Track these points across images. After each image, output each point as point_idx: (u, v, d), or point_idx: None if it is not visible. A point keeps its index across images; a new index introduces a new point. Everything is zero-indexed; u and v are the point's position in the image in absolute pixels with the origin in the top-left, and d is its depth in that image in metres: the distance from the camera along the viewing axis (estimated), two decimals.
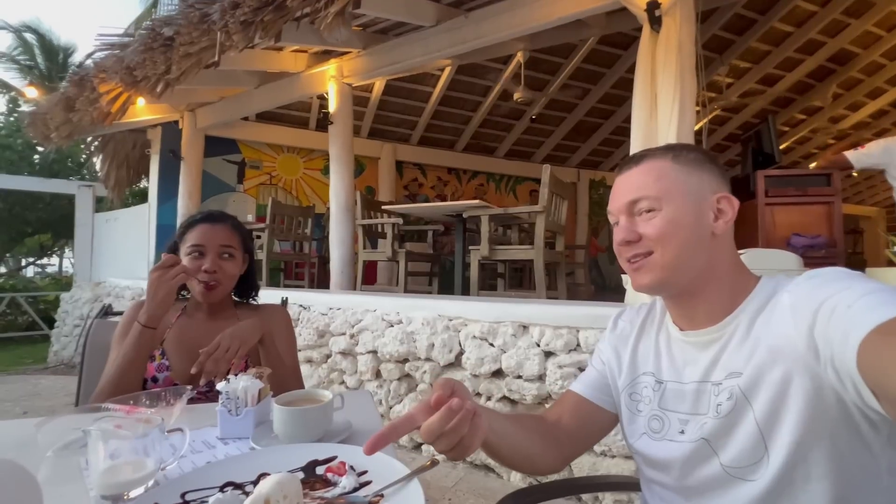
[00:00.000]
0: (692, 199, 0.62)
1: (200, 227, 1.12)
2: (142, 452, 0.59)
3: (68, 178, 10.12)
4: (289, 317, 1.26)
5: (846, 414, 0.51)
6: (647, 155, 0.66)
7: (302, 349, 2.92)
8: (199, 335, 1.09)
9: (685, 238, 0.61)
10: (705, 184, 0.64)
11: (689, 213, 0.62)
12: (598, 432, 0.75)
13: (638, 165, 0.66)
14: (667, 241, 0.61)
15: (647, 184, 0.64)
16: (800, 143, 7.35)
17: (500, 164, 7.01)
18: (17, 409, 3.53)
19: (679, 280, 0.63)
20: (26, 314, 7.65)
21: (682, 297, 0.65)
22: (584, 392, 0.76)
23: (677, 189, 0.62)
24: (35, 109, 4.57)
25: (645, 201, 0.63)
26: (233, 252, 1.13)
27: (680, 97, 2.13)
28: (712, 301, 0.63)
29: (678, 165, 0.64)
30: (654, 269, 0.63)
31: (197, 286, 1.09)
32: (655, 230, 0.62)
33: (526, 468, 0.70)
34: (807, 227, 2.78)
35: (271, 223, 4.06)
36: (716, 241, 0.63)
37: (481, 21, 3.20)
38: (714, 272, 0.63)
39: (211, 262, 1.09)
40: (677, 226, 0.61)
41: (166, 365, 1.05)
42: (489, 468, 2.12)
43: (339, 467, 0.60)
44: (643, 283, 0.64)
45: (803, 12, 4.78)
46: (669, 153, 0.65)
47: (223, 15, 2.55)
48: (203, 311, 1.14)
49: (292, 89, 4.32)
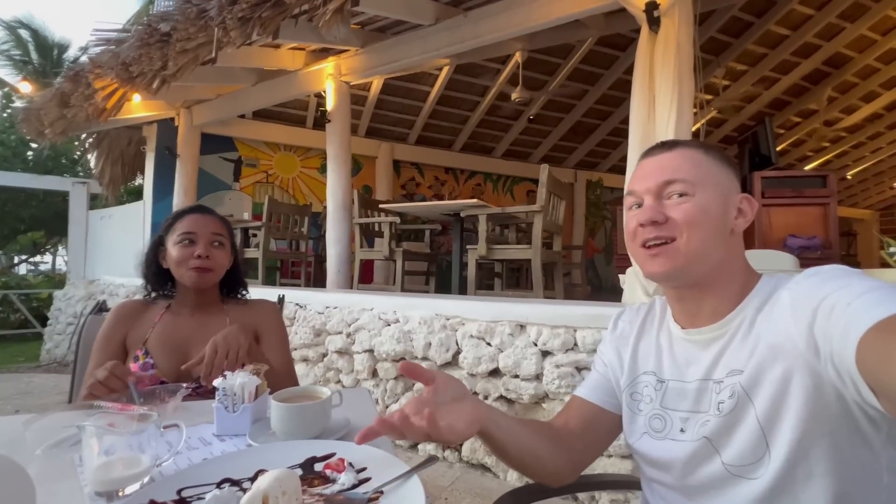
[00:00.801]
0: (722, 191, 0.63)
1: (190, 217, 1.14)
2: (137, 449, 0.58)
3: (62, 174, 10.03)
4: (279, 312, 1.25)
5: (846, 411, 0.51)
6: (681, 143, 0.66)
7: (298, 348, 2.90)
8: (185, 333, 1.09)
9: (711, 229, 0.61)
10: (733, 181, 0.65)
11: (719, 205, 0.62)
12: (604, 435, 0.75)
13: (672, 151, 0.65)
14: (694, 228, 0.60)
15: (683, 167, 0.62)
16: (795, 145, 7.41)
17: (497, 164, 7.01)
18: (8, 407, 3.49)
19: (695, 271, 0.62)
20: (18, 312, 7.58)
21: (692, 290, 0.65)
22: (587, 395, 0.75)
23: (711, 179, 0.62)
24: (29, 105, 4.52)
25: (680, 184, 0.62)
26: (223, 241, 1.15)
27: (678, 98, 2.14)
28: (719, 298, 0.63)
29: (710, 158, 0.64)
30: (674, 256, 0.61)
31: (188, 273, 1.09)
32: (685, 215, 0.60)
33: (536, 471, 0.69)
34: (802, 229, 2.80)
35: (268, 221, 4.04)
36: (733, 239, 0.64)
37: (480, 20, 3.20)
38: (726, 269, 0.63)
39: (203, 247, 1.10)
40: (707, 214, 0.60)
41: (151, 363, 1.04)
42: (486, 468, 2.12)
43: (337, 464, 0.60)
44: (659, 270, 0.62)
45: (799, 16, 4.82)
46: (701, 146, 0.66)
47: (221, 11, 2.53)
48: (189, 308, 1.13)
49: (290, 87, 4.31)
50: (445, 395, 0.57)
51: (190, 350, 1.07)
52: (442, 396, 0.57)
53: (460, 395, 0.58)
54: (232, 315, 1.16)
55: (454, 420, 0.54)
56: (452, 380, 0.59)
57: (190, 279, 1.10)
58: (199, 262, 1.09)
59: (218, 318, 1.14)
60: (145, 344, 1.06)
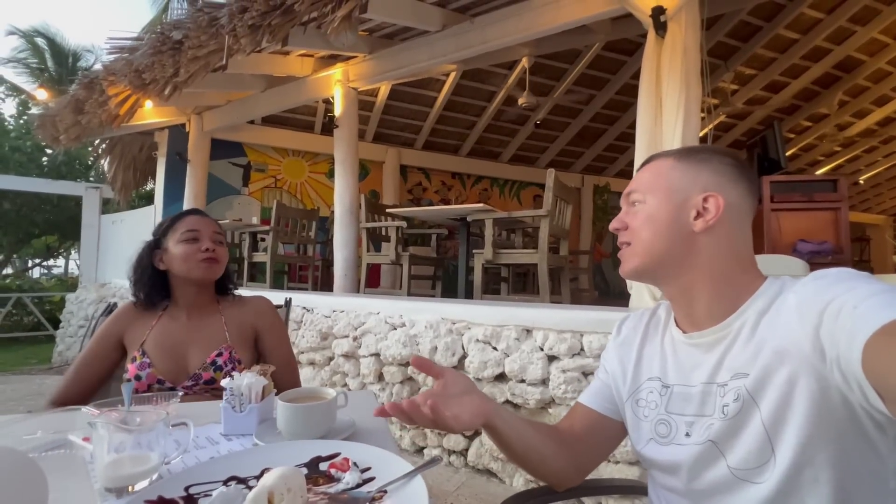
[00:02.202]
0: (677, 196, 0.65)
1: (192, 217, 1.18)
2: (146, 446, 0.59)
3: (76, 179, 10.22)
4: (275, 309, 1.26)
5: (853, 416, 0.50)
6: (659, 155, 0.71)
7: (305, 351, 2.92)
8: (182, 335, 1.11)
9: (660, 230, 0.65)
10: (699, 183, 0.65)
11: (667, 210, 0.65)
12: (606, 441, 0.76)
13: (646, 165, 0.71)
14: (641, 231, 0.66)
15: (643, 179, 0.69)
16: (805, 150, 7.33)
17: (504, 168, 7.02)
18: (20, 408, 3.54)
19: (653, 269, 0.67)
20: (32, 315, 7.70)
21: (673, 290, 0.67)
22: (589, 402, 0.77)
23: (664, 186, 0.66)
24: (44, 112, 4.62)
25: (634, 194, 0.69)
26: (222, 239, 1.19)
27: (685, 103, 2.13)
28: (709, 299, 0.63)
29: (679, 164, 0.67)
30: (630, 258, 0.68)
31: (197, 266, 1.12)
32: (634, 221, 0.68)
33: (540, 470, 0.71)
34: (813, 233, 2.77)
35: (276, 226, 4.08)
36: (701, 238, 0.63)
37: (487, 26, 3.22)
38: (702, 269, 0.63)
39: (209, 242, 1.15)
40: (652, 220, 0.66)
41: (148, 363, 1.06)
42: (491, 473, 2.11)
43: (342, 463, 0.60)
44: (622, 269, 0.70)
45: (809, 19, 4.78)
46: (678, 153, 0.69)
47: (231, 19, 2.58)
48: (186, 310, 1.16)
49: (298, 93, 4.36)
50: (455, 388, 0.62)
51: (186, 352, 1.10)
52: (451, 389, 0.62)
53: (468, 390, 0.63)
54: (228, 315, 1.18)
55: (460, 411, 0.58)
56: (461, 376, 0.65)
57: (199, 271, 1.12)
58: (208, 254, 1.13)
59: (214, 318, 1.17)
60: (143, 346, 1.08)
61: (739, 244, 0.65)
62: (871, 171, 8.24)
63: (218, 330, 1.14)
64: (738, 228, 0.64)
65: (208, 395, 1.07)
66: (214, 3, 2.78)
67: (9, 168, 9.58)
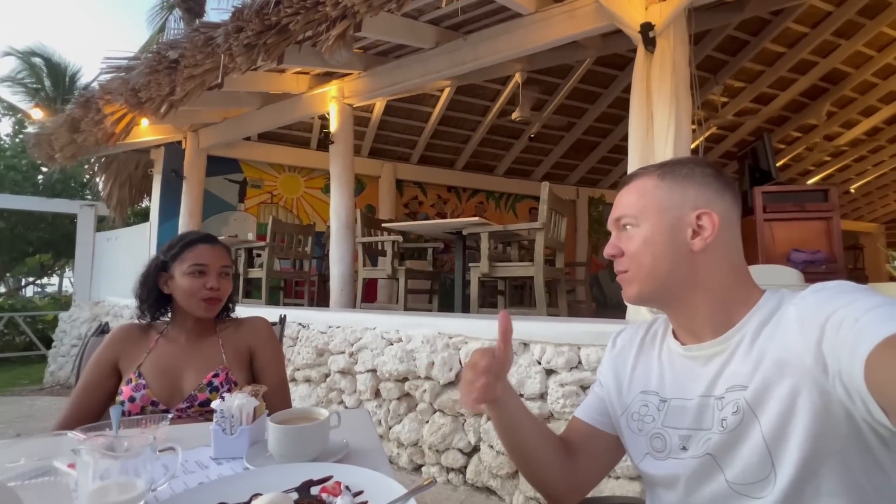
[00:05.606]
0: (669, 216, 0.64)
1: (201, 248, 1.15)
2: (132, 472, 0.58)
3: (71, 198, 10.18)
4: (272, 329, 1.26)
5: (856, 430, 0.50)
6: (638, 173, 0.69)
7: (300, 368, 2.88)
8: (179, 359, 1.10)
9: (656, 255, 0.64)
10: (689, 200, 0.64)
11: (662, 232, 0.64)
12: (602, 455, 0.75)
13: (627, 185, 0.70)
14: (639, 258, 0.65)
15: (629, 202, 0.67)
16: (796, 160, 7.43)
17: (499, 182, 7.06)
18: (10, 430, 3.47)
19: (658, 294, 0.66)
20: (24, 334, 7.60)
21: (674, 309, 0.67)
22: (583, 416, 0.77)
23: (654, 207, 0.65)
24: (40, 130, 4.63)
25: (626, 218, 0.67)
26: (229, 271, 1.18)
27: (675, 115, 2.16)
28: (708, 313, 0.63)
29: (663, 182, 0.66)
30: (630, 285, 0.67)
31: (198, 304, 1.11)
32: (630, 247, 0.66)
33: (540, 476, 0.72)
34: (806, 243, 2.79)
35: (272, 241, 4.07)
36: (700, 256, 0.63)
37: (479, 43, 3.27)
38: (702, 285, 0.63)
39: (214, 279, 1.12)
40: (649, 244, 0.64)
41: (143, 384, 1.05)
42: (491, 490, 2.07)
43: (334, 487, 0.59)
44: (626, 297, 0.69)
45: (795, 33, 4.89)
46: (658, 170, 0.67)
47: (227, 38, 2.61)
48: (185, 334, 1.15)
49: (294, 110, 4.39)
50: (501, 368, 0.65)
51: (182, 374, 1.08)
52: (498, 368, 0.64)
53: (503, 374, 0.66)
54: (225, 337, 1.17)
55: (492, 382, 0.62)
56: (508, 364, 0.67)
57: (200, 310, 1.12)
58: (211, 294, 1.11)
59: (211, 341, 1.16)
60: (139, 368, 1.07)
61: (734, 256, 0.65)
62: (861, 181, 8.35)
63: (215, 352, 1.13)
64: (731, 241, 0.65)
65: (202, 417, 1.05)
66: (210, 22, 2.82)
67: (4, 186, 9.55)
